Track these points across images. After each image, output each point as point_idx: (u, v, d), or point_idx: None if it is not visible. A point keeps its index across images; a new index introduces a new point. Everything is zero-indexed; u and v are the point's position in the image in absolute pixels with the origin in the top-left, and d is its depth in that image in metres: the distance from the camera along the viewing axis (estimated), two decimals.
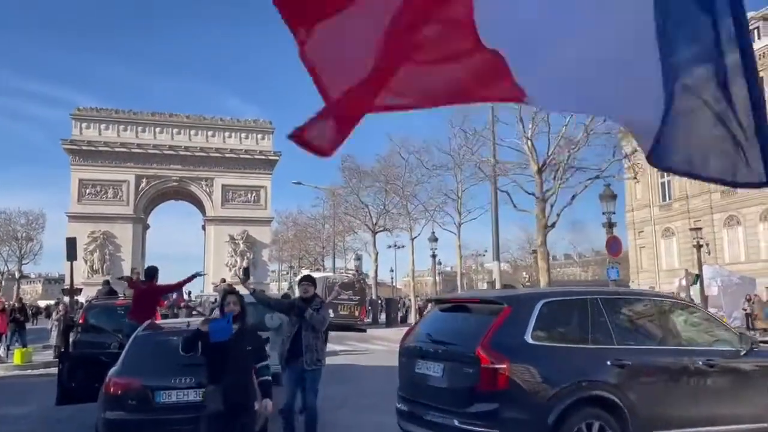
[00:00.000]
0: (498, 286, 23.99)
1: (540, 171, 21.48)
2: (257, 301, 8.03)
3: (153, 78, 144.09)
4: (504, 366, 5.52)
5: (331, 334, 15.62)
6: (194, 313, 18.54)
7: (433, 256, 32.35)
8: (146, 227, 74.72)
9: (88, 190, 67.93)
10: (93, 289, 52.88)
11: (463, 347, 6.03)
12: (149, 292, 10.30)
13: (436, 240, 31.77)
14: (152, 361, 7.35)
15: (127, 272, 56.03)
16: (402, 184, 31.49)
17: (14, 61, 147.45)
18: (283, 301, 9.42)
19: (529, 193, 22.00)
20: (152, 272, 10.95)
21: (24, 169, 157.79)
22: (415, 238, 31.88)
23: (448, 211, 28.61)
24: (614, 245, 19.45)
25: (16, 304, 18.88)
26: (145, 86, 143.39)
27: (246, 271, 13.11)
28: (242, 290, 7.63)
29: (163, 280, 11.29)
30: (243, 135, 72.96)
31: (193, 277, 11.47)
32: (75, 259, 20.82)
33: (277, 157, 73.44)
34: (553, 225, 21.80)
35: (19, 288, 56.19)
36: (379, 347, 23.36)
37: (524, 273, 59.39)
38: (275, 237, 62.99)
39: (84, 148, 67.12)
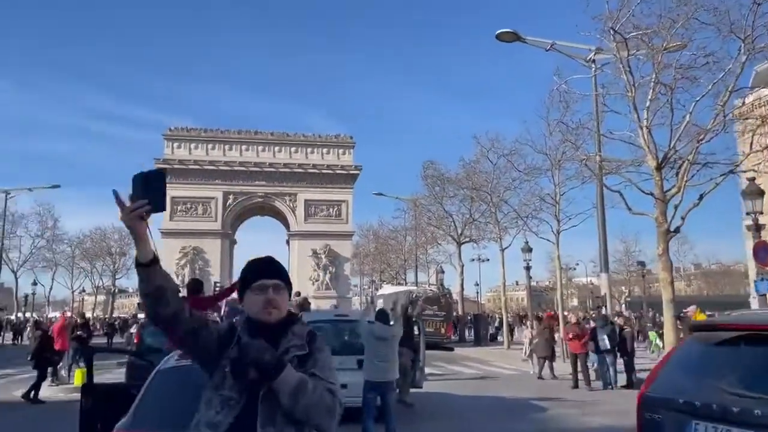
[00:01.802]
0: (608, 301, 20.24)
1: (659, 167, 17.61)
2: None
3: (237, 98, 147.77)
4: None
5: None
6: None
7: (527, 268, 28.68)
8: (233, 242, 74.83)
9: (179, 207, 68.76)
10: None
11: None
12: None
13: (530, 250, 28.06)
14: (179, 408, 4.65)
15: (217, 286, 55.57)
16: (490, 190, 28.12)
17: (114, 89, 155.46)
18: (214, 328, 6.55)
19: (647, 193, 18.15)
20: (195, 286, 8.41)
21: (119, 189, 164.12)
22: (506, 248, 28.36)
23: (544, 218, 24.99)
24: (763, 252, 15.44)
25: (79, 320, 17.04)
26: (231, 106, 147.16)
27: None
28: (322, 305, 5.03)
29: None
30: (325, 150, 72.12)
31: (235, 287, 8.78)
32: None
33: (358, 171, 71.93)
34: (677, 230, 17.83)
35: (113, 302, 56.75)
36: (471, 371, 20.19)
37: (623, 287, 54.11)
38: (356, 250, 60.99)
39: (175, 166, 68.02)
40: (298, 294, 16.11)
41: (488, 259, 53.00)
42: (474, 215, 31.13)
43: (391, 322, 8.63)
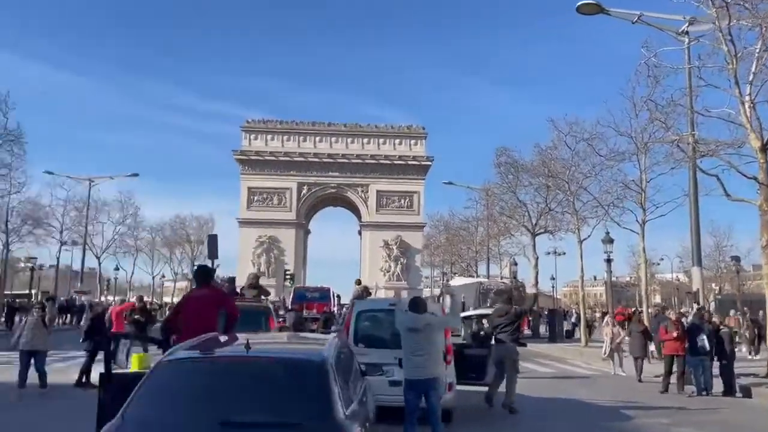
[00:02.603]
0: (701, 297, 18.13)
1: (764, 148, 15.41)
2: None
3: (311, 91, 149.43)
4: None
5: None
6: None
7: (608, 260, 26.49)
8: (307, 232, 75.56)
9: (255, 198, 70.05)
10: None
11: None
12: (203, 300, 6.90)
13: (611, 242, 25.91)
14: (178, 411, 3.80)
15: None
16: (568, 178, 26.17)
17: (195, 86, 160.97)
18: None
19: (749, 178, 15.97)
20: (203, 273, 7.54)
21: (198, 180, 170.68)
22: (584, 240, 26.31)
23: (628, 207, 22.85)
24: None
25: (137, 304, 16.86)
26: (304, 99, 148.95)
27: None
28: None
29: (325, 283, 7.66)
30: (397, 141, 71.46)
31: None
32: (216, 257, 18.75)
33: (429, 163, 70.82)
34: None
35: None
36: (545, 369, 18.66)
37: (713, 284, 50.13)
38: (427, 241, 59.81)
39: (252, 158, 69.28)
40: (359, 282, 15.26)
41: (564, 253, 50.48)
42: (550, 204, 29.17)
43: (432, 312, 7.40)
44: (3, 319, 25.21)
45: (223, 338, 4.97)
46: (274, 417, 3.75)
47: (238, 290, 15.17)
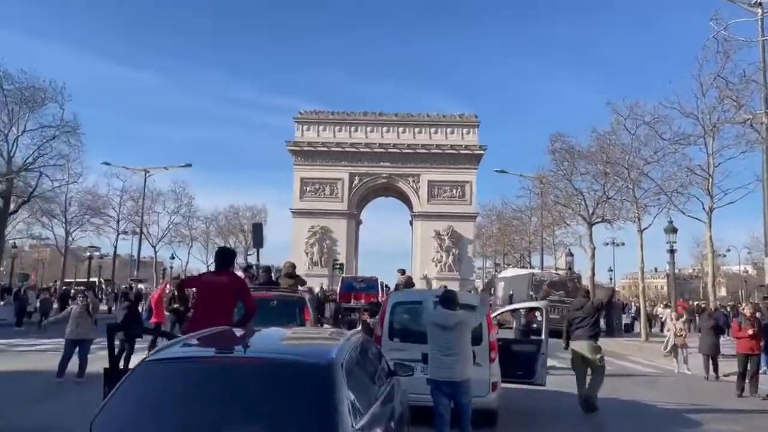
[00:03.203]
0: None
1: None
2: None
3: (361, 81, 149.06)
4: None
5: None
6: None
7: (671, 251, 24.76)
8: (359, 223, 75.40)
9: (308, 188, 70.38)
10: (317, 281, 53.50)
11: None
12: (220, 287, 6.08)
13: (674, 231, 24.19)
14: (152, 423, 3.24)
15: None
16: (627, 164, 24.61)
17: (248, 77, 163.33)
18: None
19: None
20: (223, 256, 6.54)
21: (251, 171, 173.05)
22: (645, 229, 24.69)
23: (694, 194, 21.21)
24: None
25: (175, 290, 16.53)
26: (355, 90, 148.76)
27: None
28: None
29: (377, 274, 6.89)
30: (449, 130, 70.27)
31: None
32: (261, 245, 18.48)
33: (482, 152, 69.30)
34: None
35: (245, 278, 59.07)
36: None
37: None
38: (479, 231, 58.45)
39: (305, 148, 69.55)
40: (402, 272, 14.59)
41: (623, 243, 48.27)
42: (608, 192, 27.57)
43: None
44: (56, 306, 25.84)
45: (225, 334, 4.36)
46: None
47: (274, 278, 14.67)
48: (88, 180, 37.62)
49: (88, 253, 42.14)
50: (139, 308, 13.90)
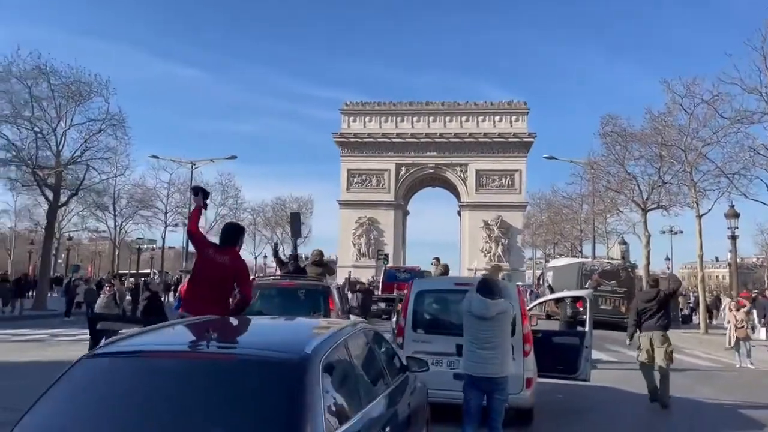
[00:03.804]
0: None
1: None
2: None
3: (407, 72, 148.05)
4: None
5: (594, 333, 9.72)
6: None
7: (732, 237, 23.09)
8: (406, 213, 74.89)
9: (355, 180, 70.30)
10: (364, 272, 53.24)
11: None
12: (220, 268, 5.47)
13: (736, 216, 22.54)
14: (90, 426, 2.73)
15: (389, 257, 55.29)
16: (685, 146, 23.09)
17: (294, 70, 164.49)
18: None
19: None
20: (230, 232, 5.85)
21: (297, 163, 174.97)
22: (704, 215, 23.13)
23: (758, 175, 19.65)
24: None
25: None
26: (401, 80, 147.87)
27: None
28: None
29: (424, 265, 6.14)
30: (497, 118, 68.77)
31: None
32: (299, 235, 18.21)
33: (532, 139, 67.56)
34: None
35: None
36: None
37: None
38: (528, 220, 56.95)
39: (351, 140, 69.46)
40: (437, 261, 13.93)
41: (681, 231, 45.94)
42: (663, 177, 25.99)
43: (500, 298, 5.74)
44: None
45: (198, 324, 3.84)
46: None
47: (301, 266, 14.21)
48: (136, 173, 38.35)
49: (137, 246, 42.96)
50: (170, 298, 13.75)
